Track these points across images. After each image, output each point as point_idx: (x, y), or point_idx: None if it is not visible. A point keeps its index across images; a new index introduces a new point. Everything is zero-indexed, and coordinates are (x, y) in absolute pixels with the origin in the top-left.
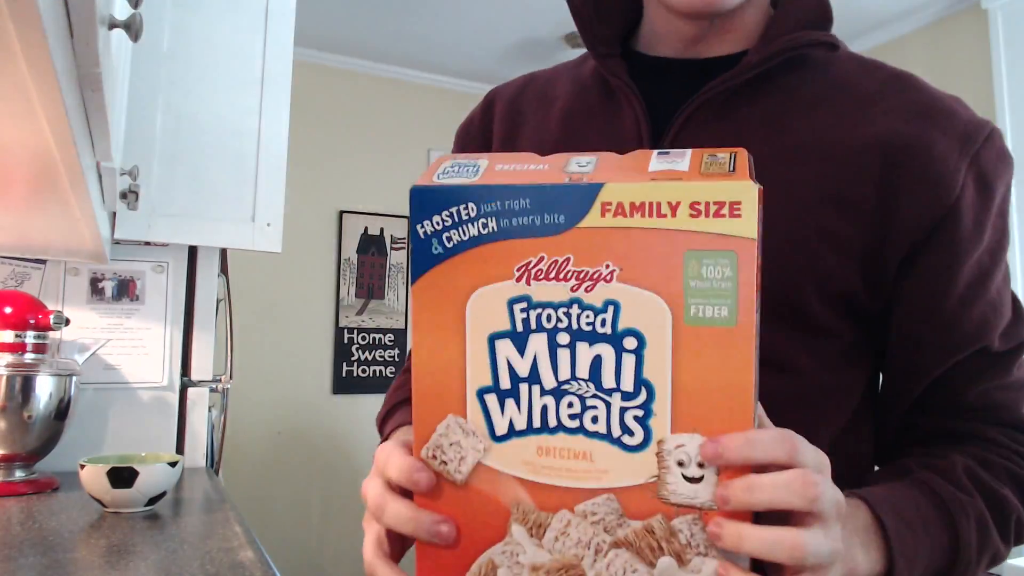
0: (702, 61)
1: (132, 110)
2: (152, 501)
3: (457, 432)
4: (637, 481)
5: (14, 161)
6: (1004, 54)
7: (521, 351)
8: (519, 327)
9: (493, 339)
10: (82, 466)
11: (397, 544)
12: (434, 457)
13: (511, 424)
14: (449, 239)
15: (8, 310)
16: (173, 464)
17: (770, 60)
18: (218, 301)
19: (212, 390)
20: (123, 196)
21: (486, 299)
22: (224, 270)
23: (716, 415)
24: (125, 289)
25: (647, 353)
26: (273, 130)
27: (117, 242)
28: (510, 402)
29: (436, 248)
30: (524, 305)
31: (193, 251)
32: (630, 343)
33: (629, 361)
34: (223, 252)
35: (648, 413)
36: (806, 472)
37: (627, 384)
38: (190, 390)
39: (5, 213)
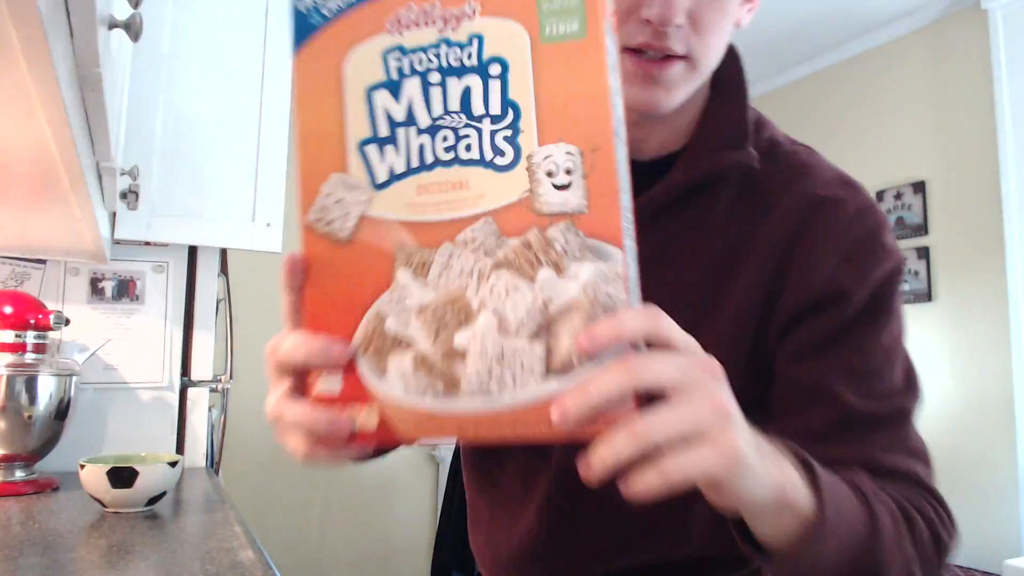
0: (640, 163)
1: (132, 110)
2: (152, 501)
3: (340, 189)
4: (511, 199)
5: (14, 161)
6: (1004, 54)
7: (397, 97)
8: (393, 75)
9: (371, 91)
10: (82, 466)
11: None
12: (319, 220)
13: (391, 169)
14: (327, 8)
15: (8, 310)
16: (173, 464)
17: (691, 181)
18: (218, 301)
19: (212, 390)
20: (123, 196)
21: (361, 55)
22: (224, 270)
23: (578, 121)
24: (125, 289)
25: (511, 76)
26: (273, 130)
27: (117, 242)
28: (389, 148)
29: (314, 18)
30: (397, 54)
31: (193, 251)
32: (495, 70)
33: (495, 86)
34: (223, 252)
35: (516, 132)
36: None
37: (495, 108)
38: (190, 390)
39: (5, 213)
